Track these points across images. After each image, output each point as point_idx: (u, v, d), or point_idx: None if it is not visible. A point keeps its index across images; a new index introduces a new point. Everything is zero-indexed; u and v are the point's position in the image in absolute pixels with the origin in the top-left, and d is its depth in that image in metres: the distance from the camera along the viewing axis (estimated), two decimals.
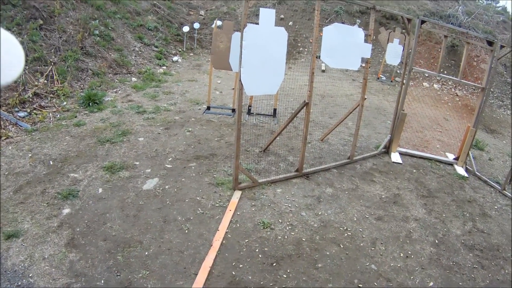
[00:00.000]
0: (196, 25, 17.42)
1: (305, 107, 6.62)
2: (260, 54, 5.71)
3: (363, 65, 7.89)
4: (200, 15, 20.36)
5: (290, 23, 19.37)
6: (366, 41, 7.26)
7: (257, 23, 5.60)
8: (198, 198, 5.95)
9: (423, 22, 8.29)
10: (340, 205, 6.36)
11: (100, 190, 5.92)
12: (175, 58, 15.71)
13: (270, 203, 6.07)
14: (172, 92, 11.36)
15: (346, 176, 7.45)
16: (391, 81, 17.23)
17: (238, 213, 5.71)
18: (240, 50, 5.50)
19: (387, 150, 8.97)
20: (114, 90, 10.76)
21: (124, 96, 10.47)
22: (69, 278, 4.21)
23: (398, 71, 17.32)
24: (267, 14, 5.68)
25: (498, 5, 25.69)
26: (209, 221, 5.44)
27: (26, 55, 9.65)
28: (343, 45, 6.88)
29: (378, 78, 17.33)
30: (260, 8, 5.68)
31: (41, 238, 4.80)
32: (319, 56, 6.67)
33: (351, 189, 6.96)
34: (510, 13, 24.30)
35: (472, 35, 11.07)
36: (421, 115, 12.13)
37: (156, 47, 15.54)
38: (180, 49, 17.03)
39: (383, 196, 6.91)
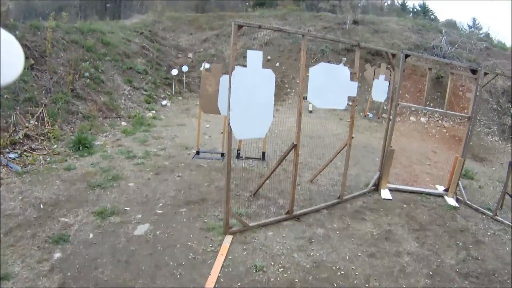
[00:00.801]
0: (185, 68, 17.68)
1: (293, 149, 6.70)
2: (249, 97, 5.79)
3: (350, 103, 8.02)
4: (189, 57, 20.63)
5: (277, 64, 19.65)
6: (352, 79, 7.41)
7: (245, 66, 5.70)
8: (189, 243, 5.93)
9: (407, 56, 8.48)
10: (332, 244, 6.37)
11: (91, 235, 5.90)
12: (164, 102, 15.85)
13: (261, 246, 6.06)
14: (162, 136, 11.43)
15: (337, 215, 7.48)
16: (378, 118, 17.39)
17: (230, 257, 5.70)
18: (228, 93, 5.57)
19: (376, 188, 9.03)
20: (104, 134, 10.81)
21: (114, 140, 10.52)
22: None
23: (385, 107, 17.48)
24: (255, 56, 5.78)
25: (481, 31, 26.28)
26: (201, 266, 5.43)
27: (17, 95, 9.72)
28: (330, 84, 7.01)
29: (365, 116, 17.49)
30: (248, 50, 5.78)
31: (32, 281, 4.75)
32: (306, 97, 6.78)
33: (342, 228, 6.98)
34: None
35: (456, 65, 11.27)
36: (409, 149, 12.26)
37: (146, 90, 15.66)
38: (169, 93, 17.16)
39: (374, 233, 6.93)
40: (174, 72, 17.06)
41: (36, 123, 9.50)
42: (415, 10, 51.08)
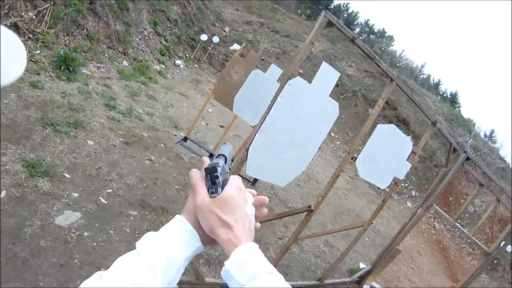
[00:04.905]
0: (215, 39, 16.42)
1: (306, 213, 5.05)
2: (292, 125, 3.93)
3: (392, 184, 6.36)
4: (224, 30, 19.34)
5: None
6: (408, 158, 5.74)
7: (308, 81, 3.83)
8: None
9: (468, 158, 6.78)
10: None
11: (3, 193, 4.19)
12: (178, 62, 14.57)
13: None
14: (156, 98, 9.95)
15: None
16: (378, 188, 16.30)
17: None
18: (269, 106, 3.72)
19: (359, 281, 7.69)
20: (98, 65, 9.37)
21: (103, 77, 9.07)
22: None
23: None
24: (329, 74, 3.92)
25: (495, 145, 27.69)
26: None
27: None
28: (385, 155, 5.34)
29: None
30: (323, 62, 3.95)
31: None
32: (356, 158, 5.05)
33: None
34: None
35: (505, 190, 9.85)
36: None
37: (166, 41, 14.30)
38: (187, 55, 15.88)
39: None
40: (204, 37, 15.84)
41: (34, 17, 8.16)
42: (445, 95, 50.11)
